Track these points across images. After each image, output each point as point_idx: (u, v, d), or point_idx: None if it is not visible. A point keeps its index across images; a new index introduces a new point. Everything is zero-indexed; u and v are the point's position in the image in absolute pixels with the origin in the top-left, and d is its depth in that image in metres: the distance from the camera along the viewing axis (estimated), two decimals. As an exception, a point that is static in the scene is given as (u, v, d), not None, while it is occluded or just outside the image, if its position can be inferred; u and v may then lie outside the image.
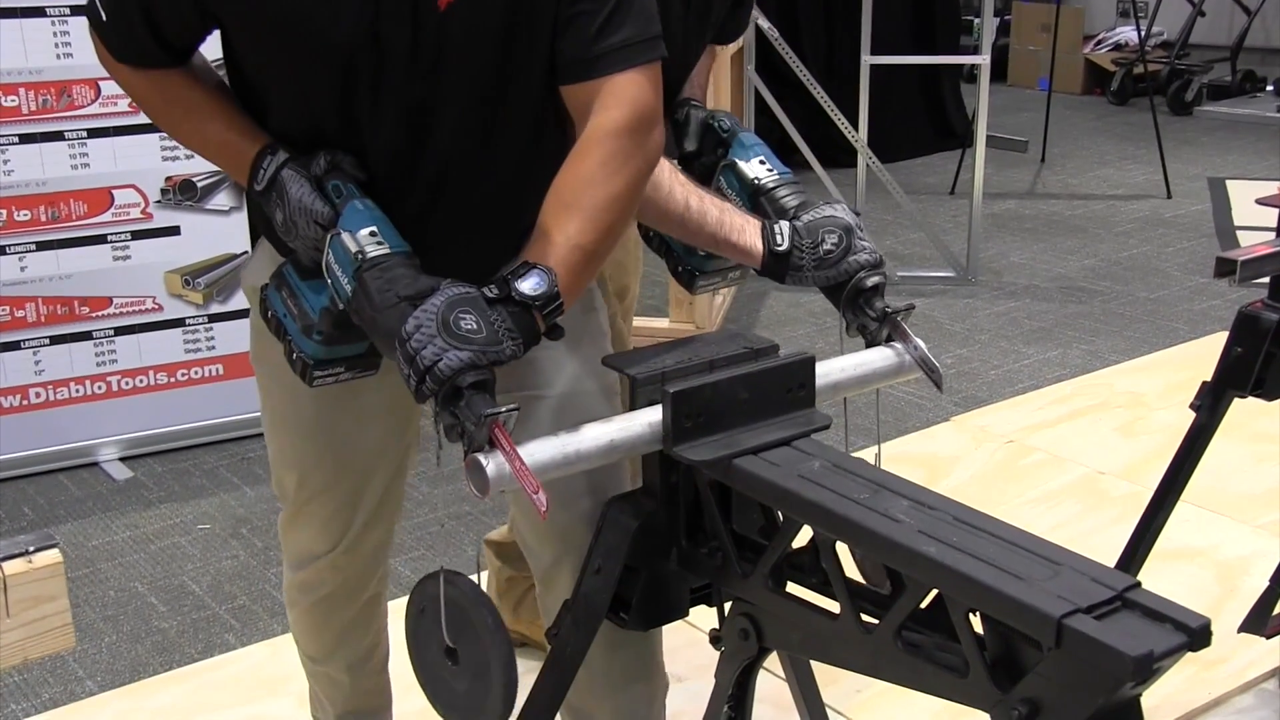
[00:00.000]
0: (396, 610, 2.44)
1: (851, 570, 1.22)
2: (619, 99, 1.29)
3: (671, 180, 1.46)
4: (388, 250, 1.25)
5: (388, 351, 1.23)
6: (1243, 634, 2.09)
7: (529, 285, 1.20)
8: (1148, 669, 0.93)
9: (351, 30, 1.26)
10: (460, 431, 1.16)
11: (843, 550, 1.17)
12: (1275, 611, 2.09)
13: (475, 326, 1.16)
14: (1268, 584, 2.09)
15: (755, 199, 1.54)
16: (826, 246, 1.43)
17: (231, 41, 1.36)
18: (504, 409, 1.15)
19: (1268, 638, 2.12)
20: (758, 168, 1.55)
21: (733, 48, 3.99)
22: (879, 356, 1.41)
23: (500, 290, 1.20)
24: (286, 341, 1.36)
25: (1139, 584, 1.01)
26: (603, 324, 1.54)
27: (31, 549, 1.10)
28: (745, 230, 1.46)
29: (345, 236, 1.26)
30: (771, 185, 1.53)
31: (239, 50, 1.36)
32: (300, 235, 1.30)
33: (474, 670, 1.31)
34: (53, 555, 1.10)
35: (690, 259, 1.62)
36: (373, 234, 1.26)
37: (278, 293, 1.36)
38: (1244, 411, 1.97)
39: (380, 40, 1.27)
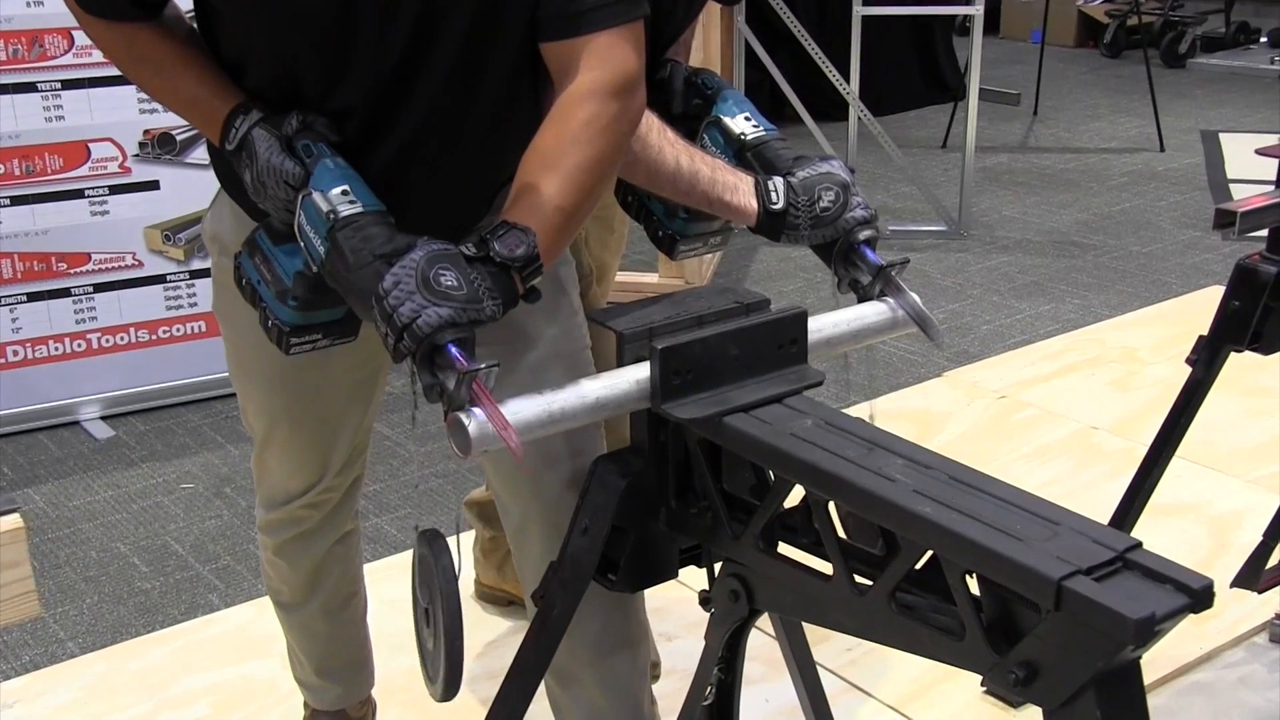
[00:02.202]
0: (378, 571, 2.43)
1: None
2: (602, 59, 1.26)
3: (661, 139, 1.42)
4: (361, 209, 1.21)
5: (363, 312, 1.20)
6: (1235, 589, 2.08)
7: (509, 246, 1.17)
8: (1149, 631, 0.91)
9: None
10: (440, 391, 1.12)
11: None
12: (1268, 566, 2.08)
13: (455, 283, 1.13)
14: (1260, 539, 2.08)
15: (741, 155, 1.49)
16: (823, 204, 1.39)
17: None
18: (484, 365, 1.11)
19: (1260, 592, 2.11)
20: (743, 123, 1.50)
21: None
22: (873, 311, 1.38)
23: (479, 249, 1.16)
24: (261, 309, 1.33)
25: (1140, 544, 0.98)
26: (574, 299, 1.51)
27: (-8, 514, 1.06)
28: (738, 189, 1.41)
29: (317, 196, 1.22)
30: (758, 141, 1.49)
31: (211, 8, 1.31)
32: (270, 196, 1.26)
33: (434, 633, 1.29)
34: (13, 520, 1.06)
35: (671, 223, 1.58)
36: (345, 193, 1.22)
37: (250, 259, 1.33)
38: (1237, 365, 1.95)
39: (359, 3, 1.22)
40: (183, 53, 1.31)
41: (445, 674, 1.28)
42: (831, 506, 1.14)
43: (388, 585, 2.37)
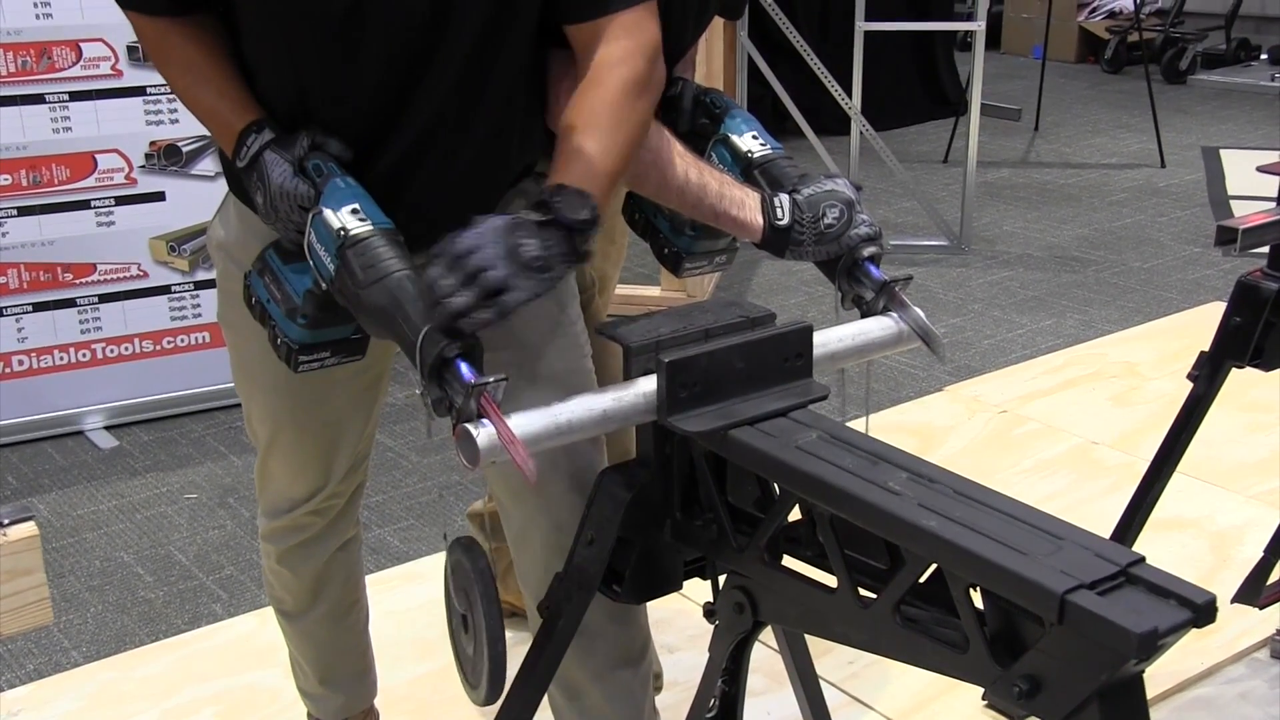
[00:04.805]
0: (380, 581, 2.44)
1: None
2: (628, 29, 1.31)
3: (672, 151, 1.44)
4: (371, 227, 1.23)
5: (372, 328, 1.21)
6: (1236, 604, 2.08)
7: (573, 209, 1.18)
8: (1152, 646, 0.91)
9: None
10: (448, 405, 1.13)
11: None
12: (1269, 581, 2.08)
13: (537, 255, 1.13)
14: (1262, 554, 2.08)
15: (748, 173, 1.51)
16: (827, 221, 1.40)
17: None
18: (492, 379, 1.13)
19: (1261, 608, 2.12)
20: (750, 141, 1.52)
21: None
22: (877, 326, 1.39)
23: (545, 213, 1.18)
24: (270, 327, 1.35)
25: (1143, 559, 0.99)
26: (575, 310, 1.52)
27: (6, 521, 1.07)
28: (745, 204, 1.43)
29: (327, 214, 1.24)
30: (764, 159, 1.50)
31: (230, 6, 1.33)
32: (282, 219, 1.29)
33: (475, 638, 1.31)
34: (29, 528, 1.08)
35: (677, 240, 1.59)
36: (355, 211, 1.24)
37: (260, 278, 1.35)
38: (1237, 381, 1.96)
39: (375, 5, 1.24)
40: (208, 59, 1.33)
41: (489, 676, 1.30)
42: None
43: (390, 596, 2.38)
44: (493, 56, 1.32)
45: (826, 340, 1.34)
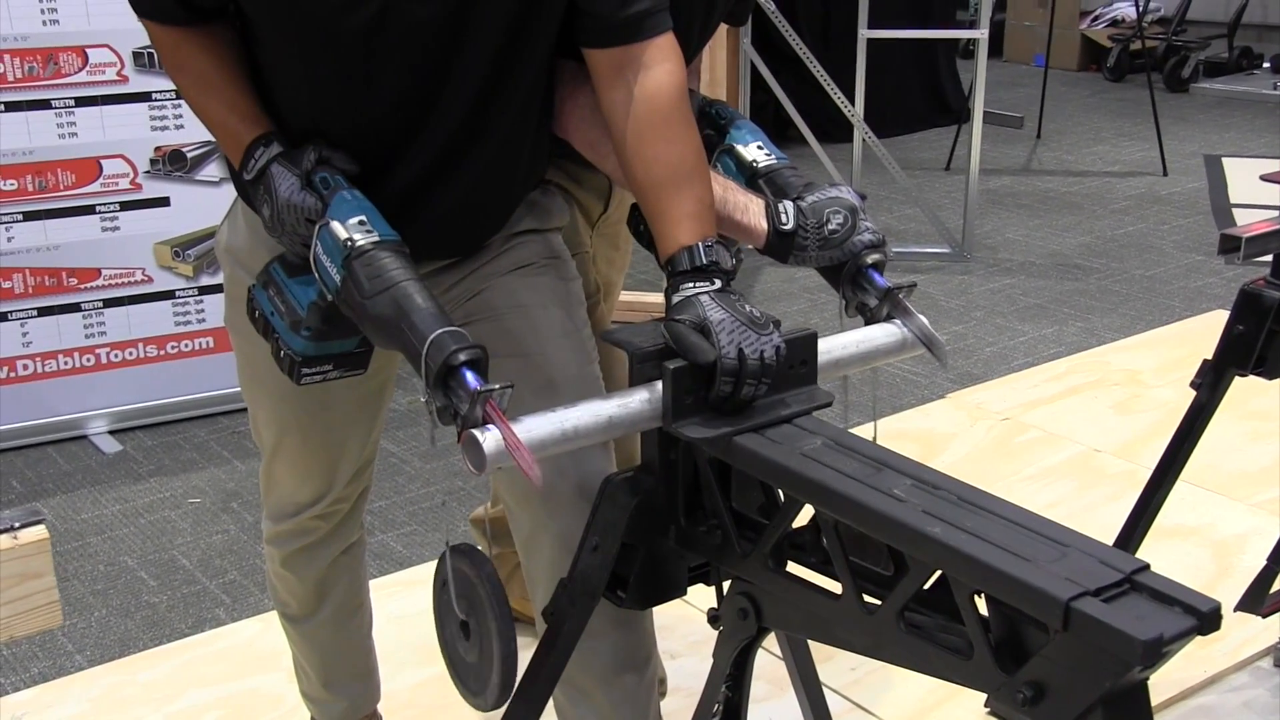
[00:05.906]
0: (384, 586, 2.44)
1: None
2: (665, 53, 1.33)
3: None
4: (377, 238, 1.24)
5: (379, 338, 1.23)
6: (1239, 613, 2.08)
7: (727, 260, 1.30)
8: (1157, 653, 0.92)
9: (369, 11, 1.24)
10: (453, 414, 1.14)
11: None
12: (1272, 590, 2.09)
13: (757, 312, 1.24)
14: (1265, 563, 2.08)
15: (753, 182, 1.52)
16: (831, 227, 1.41)
17: (241, 9, 1.34)
18: (498, 386, 1.13)
19: (1264, 616, 2.12)
20: (755, 152, 1.53)
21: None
22: (882, 333, 1.39)
23: (724, 280, 1.27)
24: (274, 340, 1.36)
25: (1147, 566, 0.99)
26: (582, 316, 1.53)
27: (17, 525, 1.08)
28: (749, 209, 1.43)
29: (334, 225, 1.25)
30: (769, 169, 1.51)
31: (247, 18, 1.34)
32: (288, 232, 1.30)
33: (480, 644, 1.31)
34: (39, 531, 1.08)
35: None
36: (361, 223, 1.25)
37: (264, 291, 1.36)
38: (1240, 389, 1.96)
39: (397, 20, 1.25)
40: (220, 70, 1.34)
41: (500, 679, 1.30)
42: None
43: (393, 601, 2.38)
44: (510, 73, 1.33)
45: (831, 347, 1.34)
